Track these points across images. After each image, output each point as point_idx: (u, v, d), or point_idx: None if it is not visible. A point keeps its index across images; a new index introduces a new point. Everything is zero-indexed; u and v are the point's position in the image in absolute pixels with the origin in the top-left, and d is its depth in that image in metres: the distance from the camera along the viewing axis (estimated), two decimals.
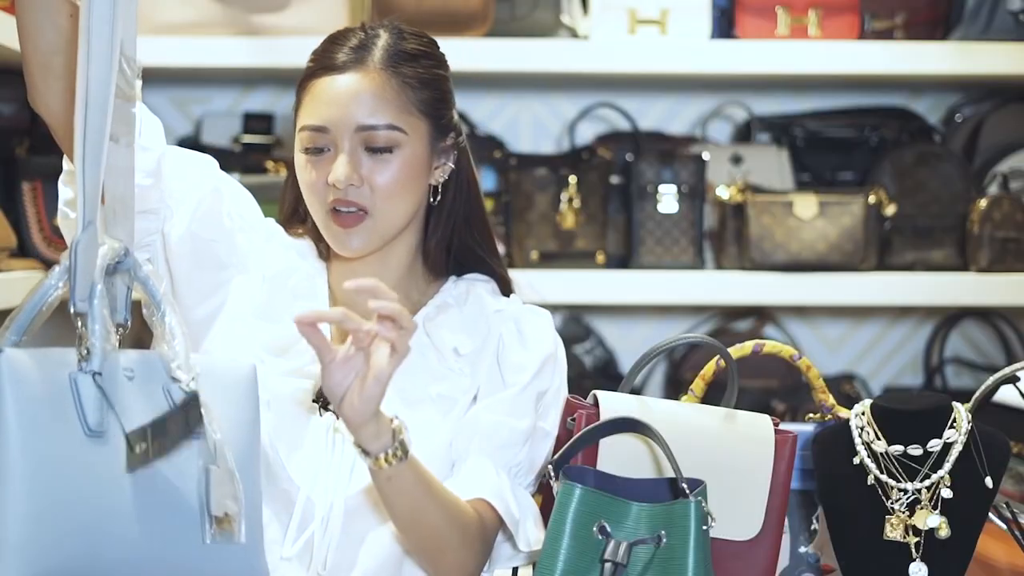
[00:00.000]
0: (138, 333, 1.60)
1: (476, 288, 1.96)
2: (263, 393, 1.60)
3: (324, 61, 1.86)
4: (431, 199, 1.92)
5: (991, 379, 1.97)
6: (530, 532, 1.86)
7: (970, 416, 1.89)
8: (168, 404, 1.42)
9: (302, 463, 1.82)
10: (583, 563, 1.73)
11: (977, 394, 1.96)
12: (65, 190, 1.83)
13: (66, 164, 1.82)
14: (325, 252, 1.96)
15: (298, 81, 1.91)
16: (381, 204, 1.84)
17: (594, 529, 1.74)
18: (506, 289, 2.00)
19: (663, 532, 1.73)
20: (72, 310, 1.39)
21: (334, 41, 1.90)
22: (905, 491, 1.86)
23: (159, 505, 1.41)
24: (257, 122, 3.25)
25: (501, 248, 3.06)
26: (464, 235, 1.95)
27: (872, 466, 1.87)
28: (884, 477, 1.87)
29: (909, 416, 1.89)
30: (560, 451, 1.82)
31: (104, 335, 1.37)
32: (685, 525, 1.72)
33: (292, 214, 2.00)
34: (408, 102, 1.85)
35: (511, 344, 1.91)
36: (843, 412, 1.97)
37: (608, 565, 1.72)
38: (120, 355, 1.41)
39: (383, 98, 1.84)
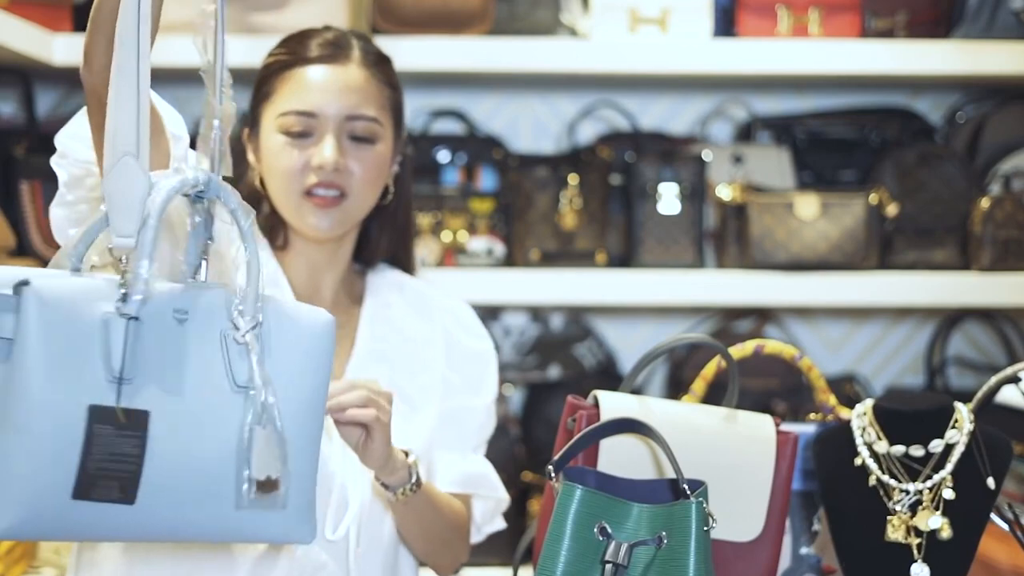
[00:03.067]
0: None
1: (401, 277, 2.09)
2: None
3: (302, 53, 1.95)
4: (381, 198, 2.03)
5: (993, 379, 1.96)
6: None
7: (972, 417, 1.89)
8: (221, 352, 1.34)
9: (333, 449, 1.92)
10: (584, 564, 1.73)
11: (979, 394, 1.96)
12: (61, 173, 1.85)
13: (60, 144, 1.84)
14: (274, 243, 2.02)
15: (264, 72, 1.98)
16: (358, 189, 1.94)
17: (595, 530, 1.74)
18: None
19: (664, 533, 1.72)
20: (109, 246, 1.31)
21: (306, 36, 2.00)
22: (907, 492, 1.86)
23: (195, 459, 1.33)
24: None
25: (501, 248, 3.08)
26: (399, 240, 2.08)
27: (874, 467, 1.87)
28: (886, 478, 1.86)
29: (911, 417, 1.89)
30: (560, 452, 1.81)
31: (149, 276, 1.29)
32: (686, 526, 1.71)
33: None
34: (385, 100, 1.97)
35: (459, 334, 2.06)
36: (844, 412, 1.97)
37: (609, 566, 1.71)
38: (177, 293, 1.32)
39: (368, 92, 1.95)
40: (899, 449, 1.87)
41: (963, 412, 1.89)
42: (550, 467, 1.81)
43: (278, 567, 1.90)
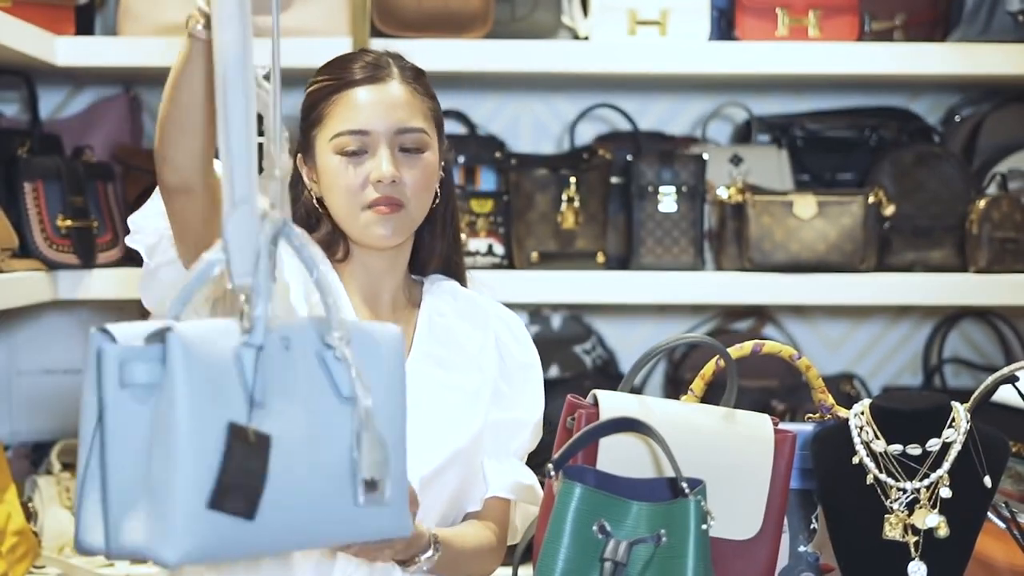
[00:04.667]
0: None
1: (455, 286, 2.17)
2: None
3: (346, 76, 2.04)
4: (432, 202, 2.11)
5: (990, 379, 1.97)
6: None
7: (969, 416, 1.89)
8: (323, 370, 1.47)
9: None
10: (583, 562, 1.74)
11: (976, 394, 1.97)
12: (139, 247, 2.03)
13: (133, 224, 2.04)
14: (333, 257, 2.10)
15: (311, 99, 2.07)
16: (414, 197, 2.04)
17: (594, 528, 1.75)
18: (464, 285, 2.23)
19: (663, 531, 1.73)
20: (230, 285, 1.45)
21: (347, 60, 2.08)
22: (904, 490, 1.86)
23: (314, 469, 1.45)
24: (258, 122, 3.26)
25: (501, 248, 3.09)
26: (451, 243, 2.16)
27: (871, 465, 1.88)
28: (883, 476, 1.87)
29: (908, 416, 1.90)
30: (560, 451, 1.82)
31: (266, 309, 1.44)
32: (685, 524, 1.72)
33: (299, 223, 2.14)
34: (428, 111, 2.06)
35: (511, 345, 2.14)
36: (842, 412, 1.98)
37: (608, 564, 1.72)
38: (277, 323, 1.46)
39: (413, 105, 2.04)
40: (897, 448, 1.88)
41: (960, 411, 1.90)
42: (550, 465, 1.82)
43: (337, 566, 1.99)
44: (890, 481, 1.87)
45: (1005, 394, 1.98)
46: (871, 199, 3.04)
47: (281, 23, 3.17)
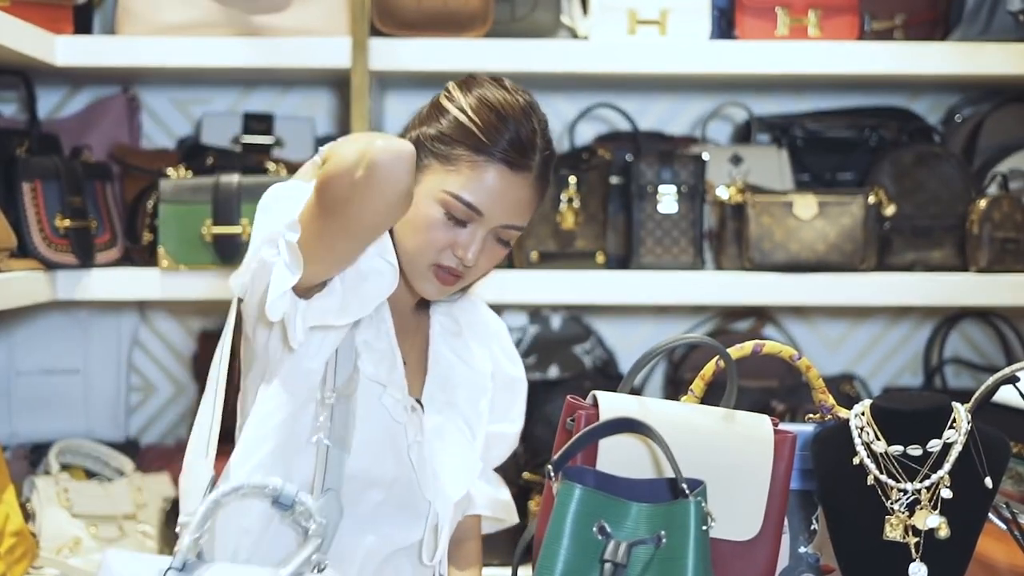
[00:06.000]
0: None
1: (456, 297, 2.19)
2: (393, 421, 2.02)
3: (495, 143, 2.00)
4: None
5: (991, 379, 1.97)
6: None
7: (970, 416, 1.89)
8: None
9: (426, 478, 2.07)
10: (583, 563, 1.73)
11: (977, 394, 1.96)
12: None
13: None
14: None
15: (456, 132, 2.02)
16: (472, 275, 2.06)
17: (594, 529, 1.74)
18: None
19: (663, 532, 1.73)
20: (181, 520, 1.92)
21: (504, 125, 2.02)
22: (905, 491, 1.86)
23: None
24: (257, 122, 3.26)
25: None
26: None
27: (872, 466, 1.88)
28: (884, 477, 1.87)
29: (909, 416, 1.89)
30: (560, 452, 1.82)
31: (190, 548, 1.80)
32: (685, 525, 1.72)
33: None
34: (538, 203, 2.08)
35: (502, 360, 2.19)
36: (843, 412, 1.98)
37: (608, 565, 1.72)
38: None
39: (530, 206, 2.05)
40: (897, 449, 1.88)
41: (961, 412, 1.89)
42: (549, 466, 1.82)
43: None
44: (891, 482, 1.87)
45: (1006, 394, 1.98)
46: (871, 199, 3.04)
47: (280, 23, 3.19)
